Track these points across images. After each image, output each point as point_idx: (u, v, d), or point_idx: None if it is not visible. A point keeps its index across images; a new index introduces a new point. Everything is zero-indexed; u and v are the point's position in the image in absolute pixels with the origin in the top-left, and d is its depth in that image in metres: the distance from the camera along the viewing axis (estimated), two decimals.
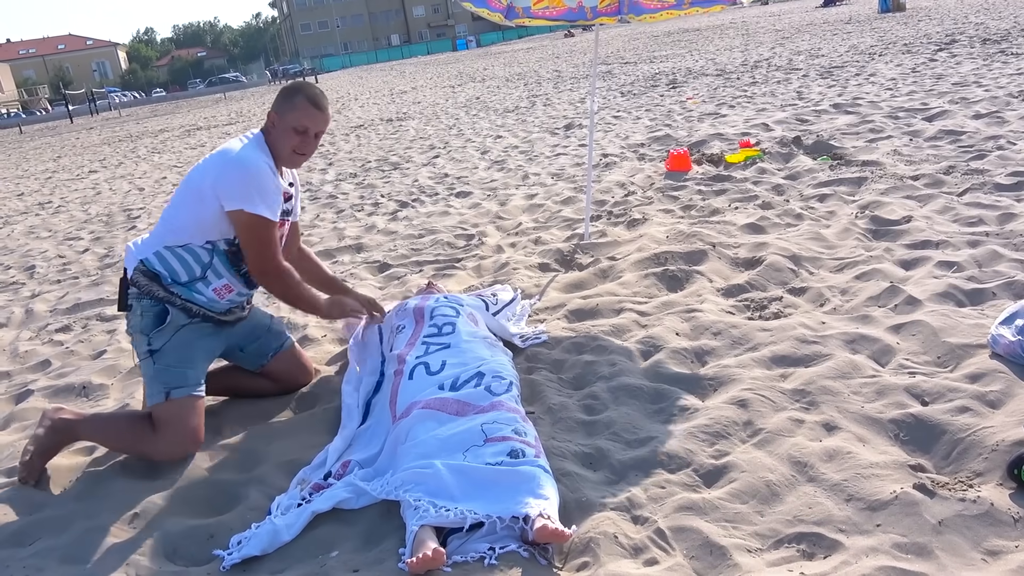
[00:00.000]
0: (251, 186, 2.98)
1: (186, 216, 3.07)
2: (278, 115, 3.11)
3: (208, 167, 3.06)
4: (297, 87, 3.16)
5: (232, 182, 2.98)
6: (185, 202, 3.08)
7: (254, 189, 2.98)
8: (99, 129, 30.21)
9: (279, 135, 3.11)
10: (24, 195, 12.79)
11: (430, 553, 2.12)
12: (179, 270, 3.08)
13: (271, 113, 3.13)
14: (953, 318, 3.31)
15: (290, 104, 3.10)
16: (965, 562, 2.03)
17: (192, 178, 3.10)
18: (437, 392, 2.87)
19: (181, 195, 3.11)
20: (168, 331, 3.06)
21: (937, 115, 7.73)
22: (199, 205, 3.04)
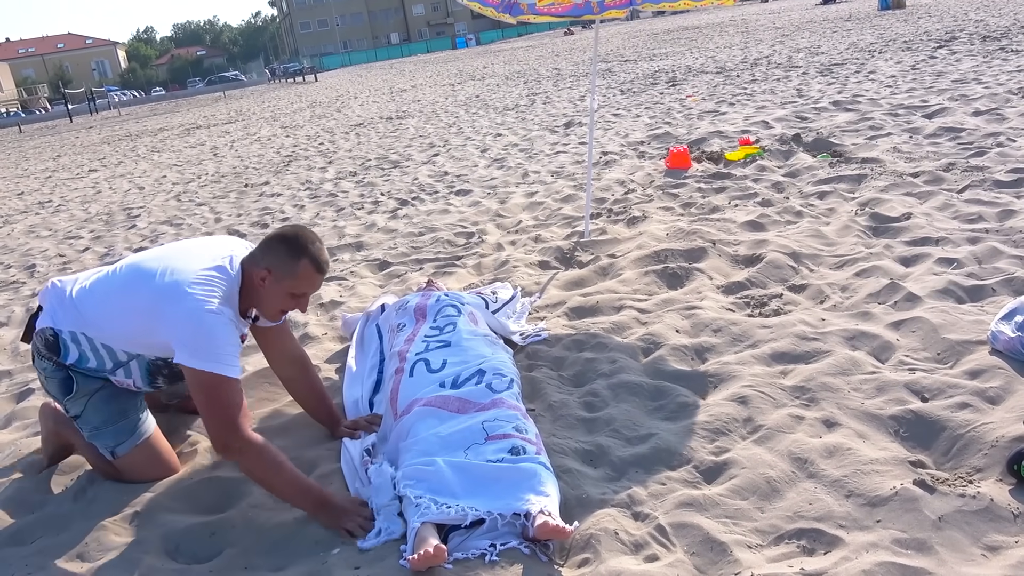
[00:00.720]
0: (211, 345, 2.49)
1: (123, 329, 2.69)
2: (273, 277, 2.66)
3: (163, 302, 2.55)
4: (301, 245, 2.66)
5: (188, 337, 2.50)
6: (126, 317, 2.66)
7: (214, 348, 2.50)
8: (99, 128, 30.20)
9: (268, 295, 2.69)
10: (24, 194, 12.79)
11: (431, 550, 2.13)
12: (90, 358, 2.74)
13: (261, 270, 2.66)
14: (953, 314, 3.31)
15: (291, 270, 2.65)
16: (965, 558, 2.03)
17: (141, 297, 2.61)
18: (438, 390, 2.87)
19: (122, 304, 2.66)
20: (79, 398, 2.78)
21: (937, 112, 7.73)
22: (144, 333, 2.65)
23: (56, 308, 2.75)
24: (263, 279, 2.66)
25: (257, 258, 2.70)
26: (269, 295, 2.69)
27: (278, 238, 2.70)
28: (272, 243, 2.69)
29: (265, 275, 2.65)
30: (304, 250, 2.65)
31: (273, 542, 2.49)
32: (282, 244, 2.67)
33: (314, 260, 2.66)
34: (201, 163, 13.27)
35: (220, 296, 2.57)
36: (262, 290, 2.68)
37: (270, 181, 10.09)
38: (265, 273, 2.65)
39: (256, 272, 2.66)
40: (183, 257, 2.68)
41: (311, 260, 2.66)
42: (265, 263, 2.66)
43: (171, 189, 10.72)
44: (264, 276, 2.65)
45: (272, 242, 2.69)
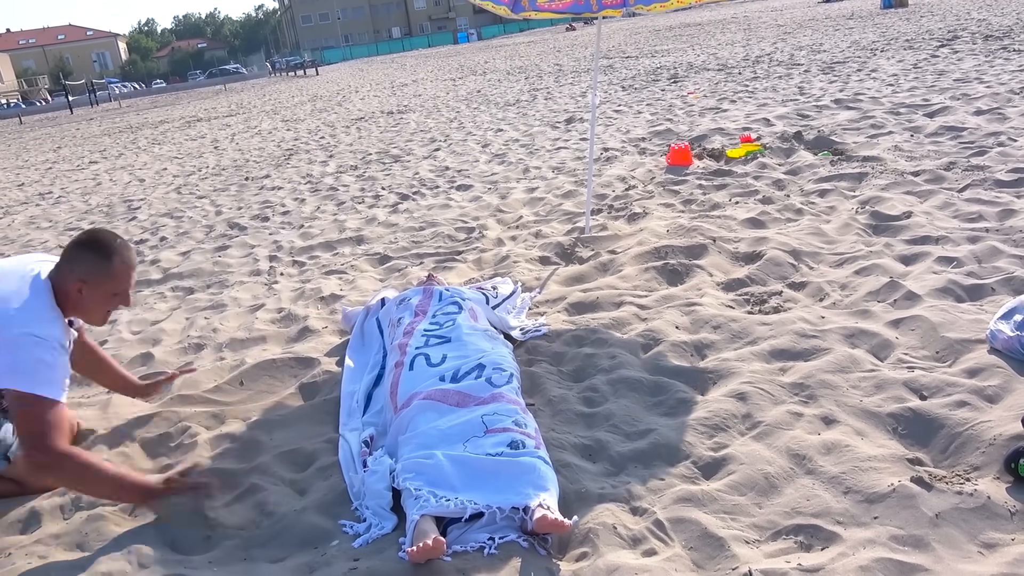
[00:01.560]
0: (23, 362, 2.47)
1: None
2: (89, 285, 2.65)
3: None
4: (107, 248, 2.69)
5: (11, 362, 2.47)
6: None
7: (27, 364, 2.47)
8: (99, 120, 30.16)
9: (90, 305, 2.70)
10: (24, 185, 12.78)
11: (430, 542, 2.14)
12: None
13: (74, 281, 2.64)
14: (952, 313, 3.32)
15: (107, 271, 2.67)
16: (962, 555, 2.04)
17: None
18: (438, 383, 2.88)
19: None
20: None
21: (938, 111, 7.73)
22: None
23: None
24: (80, 290, 2.66)
25: (65, 271, 2.68)
26: (90, 302, 2.70)
27: (81, 246, 2.70)
28: (76, 252, 2.69)
29: (81, 285, 2.65)
30: (112, 250, 2.69)
31: (272, 534, 2.49)
32: (88, 251, 2.68)
33: (125, 257, 2.71)
34: (202, 156, 13.26)
35: (44, 316, 2.58)
36: (81, 300, 2.68)
37: (271, 174, 10.09)
38: (80, 284, 2.65)
39: (70, 286, 2.66)
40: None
41: (122, 258, 2.71)
42: (76, 274, 2.66)
43: (172, 182, 10.72)
44: (79, 287, 2.65)
45: (76, 251, 2.69)
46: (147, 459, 3.08)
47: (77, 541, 2.53)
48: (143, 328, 4.73)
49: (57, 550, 2.49)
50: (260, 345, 4.20)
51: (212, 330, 4.49)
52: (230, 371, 3.84)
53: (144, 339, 4.51)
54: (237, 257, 6.16)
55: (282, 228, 6.94)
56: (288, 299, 4.92)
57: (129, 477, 2.64)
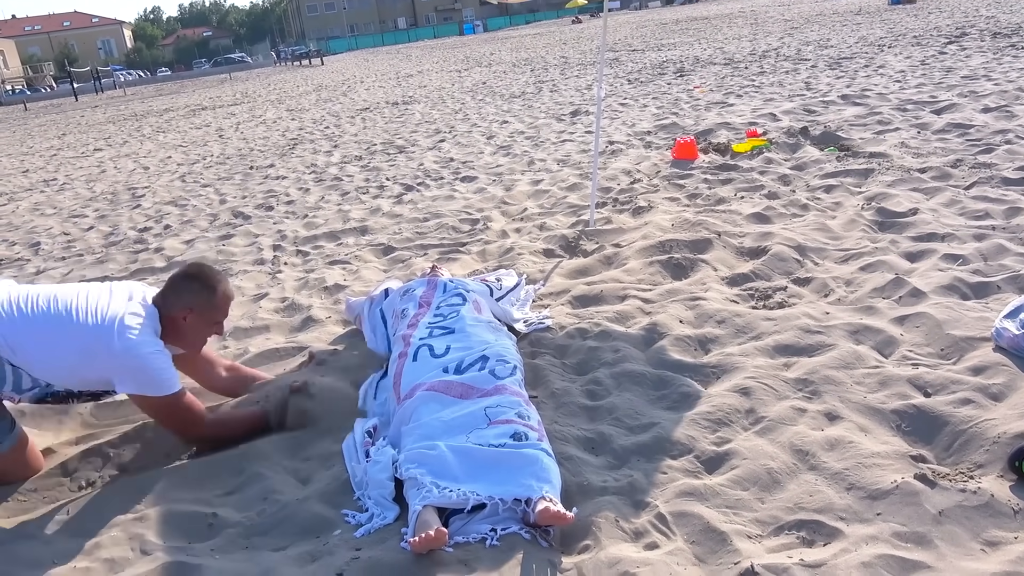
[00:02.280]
0: (155, 375, 2.77)
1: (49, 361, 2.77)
2: (195, 313, 2.90)
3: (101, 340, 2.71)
4: (213, 279, 2.95)
5: (133, 372, 2.75)
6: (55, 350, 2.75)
7: (158, 376, 2.77)
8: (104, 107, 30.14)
9: (193, 330, 2.94)
10: (29, 172, 12.78)
11: (433, 533, 2.14)
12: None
13: (182, 310, 2.88)
14: (957, 311, 3.31)
15: (210, 303, 2.92)
16: (964, 552, 2.04)
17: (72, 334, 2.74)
18: (441, 375, 2.88)
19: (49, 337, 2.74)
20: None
21: (946, 108, 7.70)
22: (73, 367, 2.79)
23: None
24: (185, 318, 2.89)
25: (172, 300, 2.91)
26: (194, 330, 2.94)
27: (188, 278, 2.94)
28: (183, 283, 2.93)
29: (187, 314, 2.89)
30: (218, 282, 2.95)
31: (274, 522, 2.50)
32: (195, 282, 2.93)
33: (227, 289, 2.99)
34: (206, 144, 13.25)
35: (151, 330, 2.82)
36: (185, 327, 2.91)
37: (275, 164, 10.08)
38: (187, 312, 2.89)
39: (177, 314, 2.89)
40: (104, 297, 2.84)
41: (224, 291, 2.97)
42: (183, 303, 2.89)
43: (176, 170, 10.71)
44: (186, 315, 2.89)
45: (183, 282, 2.93)
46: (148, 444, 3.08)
47: (82, 528, 2.53)
48: None
49: (62, 536, 2.50)
50: (264, 334, 4.21)
51: None
52: (233, 359, 3.84)
53: None
54: (241, 246, 6.16)
55: (286, 217, 6.94)
56: (292, 288, 4.92)
57: (253, 415, 3.07)
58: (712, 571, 2.08)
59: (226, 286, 2.99)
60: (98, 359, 2.73)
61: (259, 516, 2.54)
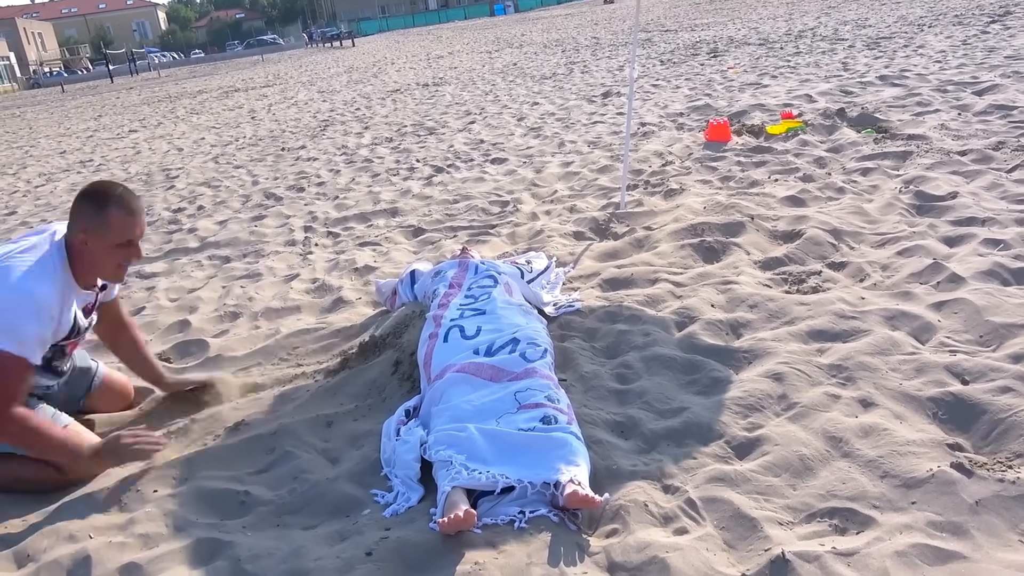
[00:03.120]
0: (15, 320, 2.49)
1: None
2: (90, 235, 2.64)
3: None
4: (103, 196, 2.65)
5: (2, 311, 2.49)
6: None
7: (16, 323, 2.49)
8: (139, 89, 30.48)
9: (96, 258, 2.68)
10: (66, 153, 12.98)
11: (461, 514, 2.14)
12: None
13: (78, 234, 2.65)
14: (998, 297, 3.23)
15: (102, 222, 2.63)
16: (1002, 543, 2.00)
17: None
18: (472, 356, 2.88)
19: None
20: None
21: (988, 89, 7.49)
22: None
23: None
24: (84, 242, 2.65)
25: (71, 227, 2.68)
26: (95, 255, 2.67)
27: (80, 197, 2.68)
28: (77, 205, 2.67)
29: (83, 237, 2.64)
30: (108, 199, 2.64)
31: (304, 501, 2.53)
32: (86, 201, 2.66)
33: (124, 204, 2.65)
34: (239, 126, 13.35)
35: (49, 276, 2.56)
36: (86, 253, 2.66)
37: (306, 145, 10.13)
38: (82, 235, 2.64)
39: (76, 240, 2.65)
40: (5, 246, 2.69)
41: (118, 206, 2.64)
42: (79, 227, 2.65)
43: (209, 151, 10.81)
44: (83, 239, 2.65)
45: (77, 204, 2.67)
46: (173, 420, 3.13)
47: (115, 503, 2.58)
48: (180, 295, 4.80)
49: (94, 512, 2.55)
50: (295, 315, 4.24)
51: (248, 299, 4.54)
52: (264, 339, 3.88)
53: (181, 306, 4.58)
54: (273, 227, 6.21)
55: (317, 199, 6.97)
56: (322, 270, 4.95)
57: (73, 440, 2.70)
58: (742, 557, 2.07)
59: (124, 199, 2.66)
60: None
61: (290, 495, 2.56)
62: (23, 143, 15.79)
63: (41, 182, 10.16)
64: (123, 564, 2.24)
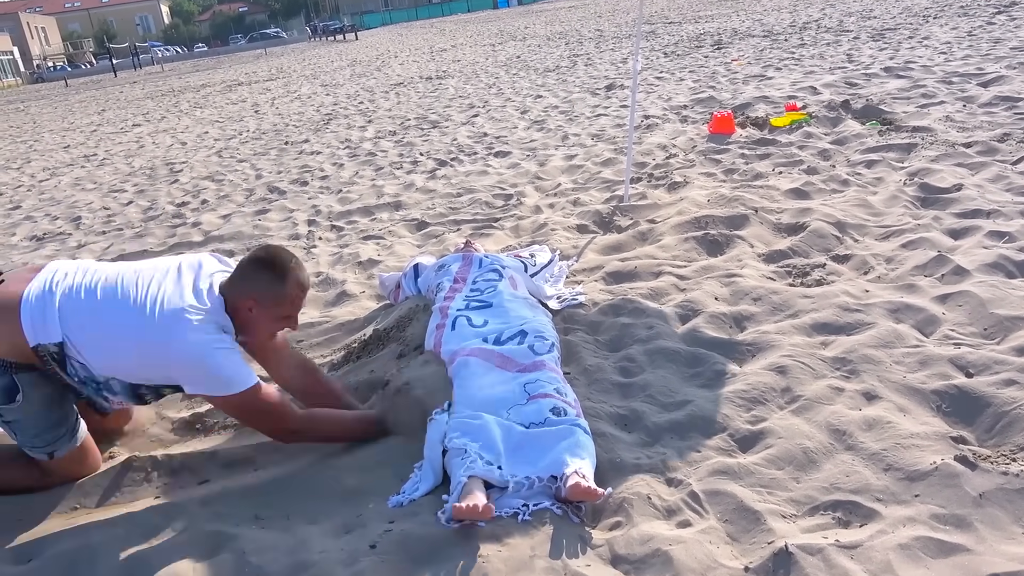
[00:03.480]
0: (225, 373, 2.47)
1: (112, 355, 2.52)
2: (260, 305, 2.56)
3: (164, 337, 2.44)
4: (282, 269, 2.56)
5: (202, 373, 2.47)
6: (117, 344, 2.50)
7: (229, 373, 2.47)
8: (142, 83, 30.49)
9: (258, 322, 2.60)
10: (70, 147, 13.00)
11: (481, 505, 2.15)
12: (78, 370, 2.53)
13: (246, 299, 2.55)
14: (1002, 289, 3.22)
15: (278, 295, 2.56)
16: (1005, 536, 2.00)
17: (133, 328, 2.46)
18: (481, 343, 2.91)
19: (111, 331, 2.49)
20: (19, 409, 2.54)
21: (993, 80, 7.46)
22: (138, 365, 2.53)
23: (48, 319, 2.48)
24: (250, 308, 2.56)
25: (238, 287, 2.58)
26: (259, 322, 2.60)
27: (256, 264, 2.59)
28: (251, 270, 2.58)
29: (252, 304, 2.55)
30: (287, 272, 2.56)
31: (310, 491, 2.53)
32: (263, 270, 2.57)
33: (299, 281, 2.59)
34: (242, 120, 13.35)
35: (216, 326, 2.50)
36: (250, 319, 2.58)
37: (310, 139, 10.13)
38: (251, 303, 2.55)
39: (241, 303, 2.56)
40: (168, 284, 2.54)
41: (296, 282, 2.58)
42: (248, 292, 2.56)
43: (213, 145, 10.82)
44: (251, 306, 2.56)
45: (251, 269, 2.59)
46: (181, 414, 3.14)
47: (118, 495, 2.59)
48: None
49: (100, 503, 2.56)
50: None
51: None
52: None
53: None
54: (276, 221, 6.21)
55: (321, 193, 6.98)
56: (326, 263, 4.95)
57: (359, 417, 2.83)
58: (745, 550, 2.07)
59: (299, 275, 2.60)
60: (156, 358, 2.48)
61: (294, 488, 2.57)
62: (27, 138, 15.81)
63: (45, 176, 10.18)
64: (127, 556, 2.25)
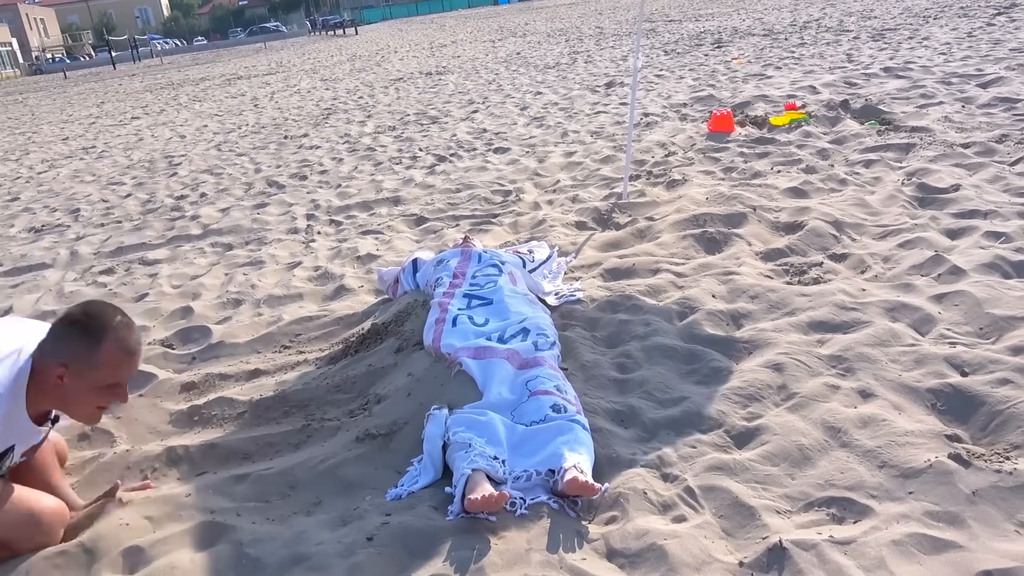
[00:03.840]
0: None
1: None
2: (71, 372, 2.13)
3: None
4: (99, 328, 2.15)
5: None
6: None
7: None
8: (141, 76, 30.42)
9: (73, 394, 2.16)
10: (69, 139, 12.98)
11: (496, 494, 2.16)
12: None
13: (55, 366, 2.13)
14: (998, 289, 3.24)
15: (93, 359, 2.13)
16: (998, 533, 2.01)
17: None
18: (485, 342, 2.96)
19: None
20: None
21: (992, 81, 7.48)
22: None
23: None
24: (60, 376, 2.13)
25: (47, 350, 2.15)
26: (74, 394, 2.16)
27: (69, 322, 2.17)
28: (63, 330, 2.17)
29: (61, 371, 2.12)
30: (104, 333, 2.14)
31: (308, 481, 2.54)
32: (74, 331, 2.15)
33: (120, 343, 2.16)
34: (241, 113, 13.33)
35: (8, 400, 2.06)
36: (60, 389, 2.14)
37: (309, 133, 10.12)
38: (61, 369, 2.12)
39: (51, 370, 2.13)
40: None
41: (116, 344, 2.15)
42: (58, 356, 2.13)
43: (212, 138, 10.81)
44: (60, 373, 2.13)
45: (62, 329, 2.17)
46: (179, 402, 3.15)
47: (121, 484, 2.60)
48: (183, 282, 4.81)
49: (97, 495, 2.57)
50: (297, 302, 4.25)
51: (250, 286, 4.55)
52: (267, 327, 3.90)
53: (184, 293, 4.59)
54: (275, 215, 6.22)
55: (320, 187, 6.98)
56: (325, 258, 4.96)
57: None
58: (740, 545, 2.08)
59: (121, 337, 2.16)
60: None
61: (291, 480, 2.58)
62: (25, 129, 15.79)
63: (43, 168, 10.17)
64: (126, 548, 2.25)
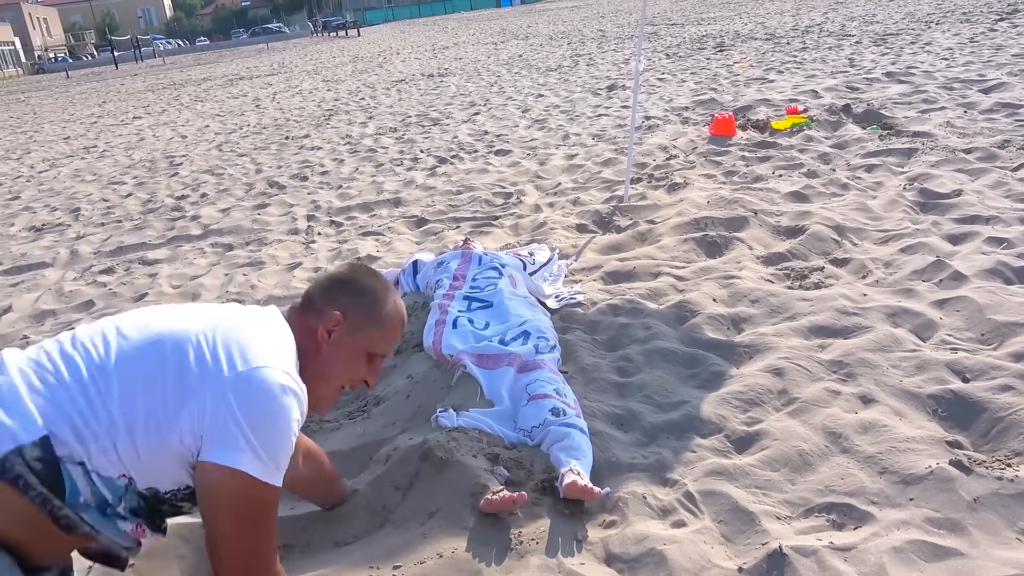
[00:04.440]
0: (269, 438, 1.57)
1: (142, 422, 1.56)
2: (350, 324, 1.80)
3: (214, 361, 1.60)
4: (380, 290, 1.86)
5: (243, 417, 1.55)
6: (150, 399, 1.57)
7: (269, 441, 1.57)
8: (143, 76, 30.45)
9: (337, 353, 1.80)
10: (70, 139, 12.98)
11: (515, 495, 2.14)
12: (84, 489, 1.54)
13: (331, 314, 1.79)
14: (1000, 295, 3.23)
15: (375, 312, 1.83)
16: (999, 540, 2.00)
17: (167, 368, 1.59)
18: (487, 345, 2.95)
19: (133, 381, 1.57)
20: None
21: (994, 87, 7.47)
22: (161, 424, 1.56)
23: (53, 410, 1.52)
24: (332, 328, 1.79)
25: (318, 303, 1.82)
26: (338, 354, 1.80)
27: (341, 281, 1.87)
28: (338, 288, 1.84)
29: (338, 320, 1.79)
30: (387, 290, 1.88)
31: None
32: (351, 286, 1.85)
33: (399, 304, 1.91)
34: (243, 114, 13.33)
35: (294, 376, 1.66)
36: (327, 348, 1.79)
37: (310, 134, 10.12)
38: (338, 316, 1.79)
39: (328, 318, 1.79)
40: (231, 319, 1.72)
41: (396, 305, 1.89)
42: (338, 305, 1.80)
43: (213, 139, 10.81)
44: (337, 321, 1.79)
45: (337, 287, 1.85)
46: None
47: None
48: (183, 282, 4.81)
49: None
50: None
51: (250, 286, 4.55)
52: None
53: (184, 293, 4.58)
54: (276, 215, 6.21)
55: (320, 188, 6.97)
56: (325, 259, 4.95)
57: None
58: (739, 551, 2.07)
59: (399, 300, 1.92)
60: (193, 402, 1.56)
61: None
62: (27, 128, 15.80)
63: (44, 167, 10.17)
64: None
